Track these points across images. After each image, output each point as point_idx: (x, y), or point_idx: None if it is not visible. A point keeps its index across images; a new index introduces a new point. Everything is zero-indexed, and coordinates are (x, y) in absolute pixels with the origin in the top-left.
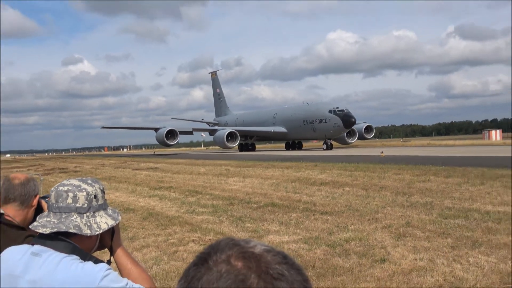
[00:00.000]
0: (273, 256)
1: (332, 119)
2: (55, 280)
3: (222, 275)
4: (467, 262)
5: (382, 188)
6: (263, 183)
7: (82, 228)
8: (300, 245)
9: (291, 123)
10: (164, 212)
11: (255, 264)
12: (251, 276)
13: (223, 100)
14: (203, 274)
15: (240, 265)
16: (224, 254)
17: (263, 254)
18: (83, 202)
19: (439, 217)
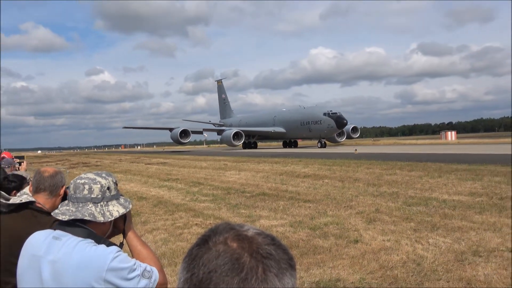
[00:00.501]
0: (263, 238)
1: (326, 121)
2: (71, 260)
3: (220, 254)
4: (427, 242)
5: (355, 180)
6: (255, 176)
7: (96, 216)
8: (286, 228)
9: (289, 124)
10: (171, 200)
11: (247, 245)
12: (244, 255)
13: (227, 104)
14: (204, 253)
15: (235, 245)
16: (221, 236)
17: (255, 237)
18: (98, 193)
19: (403, 205)
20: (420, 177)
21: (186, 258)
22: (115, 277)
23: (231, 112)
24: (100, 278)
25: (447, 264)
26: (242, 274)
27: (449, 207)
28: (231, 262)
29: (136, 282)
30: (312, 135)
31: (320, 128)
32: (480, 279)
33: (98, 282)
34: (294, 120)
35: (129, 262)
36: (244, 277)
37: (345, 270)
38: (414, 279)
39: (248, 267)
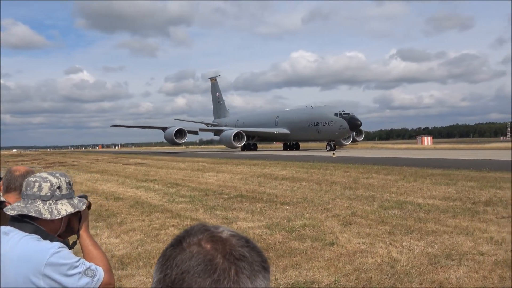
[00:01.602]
0: (237, 240)
1: (338, 122)
2: (14, 254)
3: (193, 255)
4: (401, 245)
5: (333, 183)
6: (233, 178)
7: (43, 213)
8: (263, 230)
9: (294, 124)
10: (148, 201)
11: (221, 246)
12: (218, 257)
13: (222, 103)
14: (178, 254)
15: (209, 247)
16: (196, 238)
17: (229, 238)
18: (47, 192)
19: (379, 208)
20: (396, 181)
21: (160, 258)
22: (54, 272)
23: (226, 111)
24: (39, 272)
25: (420, 267)
26: (214, 276)
27: (424, 211)
28: (204, 264)
29: (76, 279)
30: (321, 137)
31: (331, 130)
32: (452, 282)
33: (36, 276)
34: (300, 120)
35: (71, 259)
36: (216, 278)
37: (320, 272)
38: (388, 281)
39: (221, 268)
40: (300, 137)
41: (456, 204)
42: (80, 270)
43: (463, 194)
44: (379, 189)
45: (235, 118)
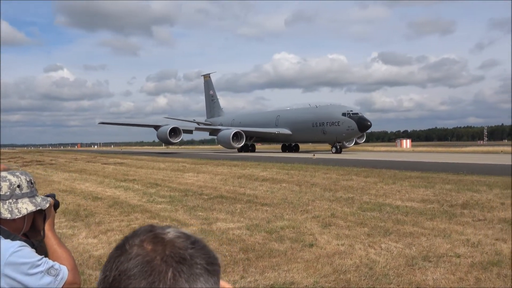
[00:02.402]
0: (182, 242)
1: (346, 122)
2: None
3: (133, 256)
4: (379, 247)
5: (313, 185)
6: (213, 178)
7: (3, 212)
8: (243, 231)
9: (297, 125)
10: (127, 201)
11: (161, 248)
12: (156, 259)
13: (216, 102)
14: (119, 255)
15: (149, 248)
16: (138, 239)
17: (173, 240)
18: (6, 191)
19: (358, 210)
20: (375, 183)
21: (106, 261)
22: (14, 271)
23: (220, 110)
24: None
25: (398, 269)
26: (149, 278)
27: (402, 213)
28: (141, 266)
29: (38, 278)
30: (327, 138)
31: (338, 131)
32: (429, 284)
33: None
34: (303, 120)
35: (32, 258)
36: (151, 281)
37: (299, 274)
38: (366, 283)
39: (157, 271)
40: (303, 138)
41: (433, 207)
42: (42, 269)
43: (441, 196)
44: (358, 191)
45: (231, 118)
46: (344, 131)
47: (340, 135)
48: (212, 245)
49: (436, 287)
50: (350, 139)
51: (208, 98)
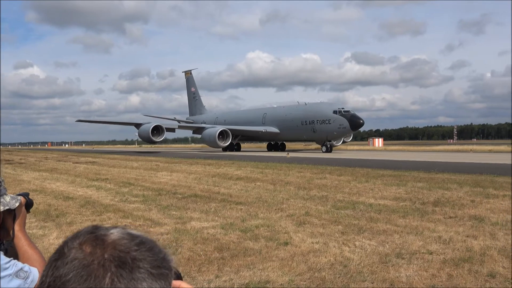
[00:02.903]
0: (126, 243)
1: (337, 120)
2: None
3: (69, 260)
4: (353, 245)
5: (287, 183)
6: (187, 177)
7: None
8: (217, 230)
9: (285, 123)
10: (100, 200)
11: (100, 251)
12: (94, 262)
13: (198, 99)
14: (56, 260)
15: (88, 251)
16: (77, 241)
17: (116, 241)
18: None
19: (332, 208)
20: (348, 182)
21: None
22: None
23: (202, 108)
24: None
25: (372, 266)
26: (85, 284)
27: (375, 211)
28: (76, 270)
29: (6, 282)
30: (317, 137)
31: (329, 129)
32: (402, 280)
33: None
34: (292, 118)
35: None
36: (87, 286)
37: (274, 272)
38: (341, 280)
39: (94, 275)
40: (291, 136)
41: (406, 205)
42: (11, 272)
43: (413, 194)
44: (332, 190)
45: (214, 116)
46: (336, 129)
47: (331, 134)
48: (186, 244)
49: (409, 284)
50: (341, 137)
51: (190, 95)
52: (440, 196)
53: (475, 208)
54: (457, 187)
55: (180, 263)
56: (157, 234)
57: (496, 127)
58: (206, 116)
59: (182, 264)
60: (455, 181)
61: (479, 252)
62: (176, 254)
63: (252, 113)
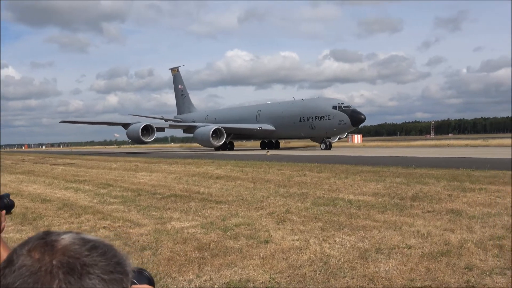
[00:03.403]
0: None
1: (337, 116)
2: None
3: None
4: (333, 241)
5: (267, 181)
6: (167, 177)
7: None
8: (197, 229)
9: (281, 120)
10: (78, 202)
11: (48, 257)
12: (41, 269)
13: (186, 97)
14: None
15: (36, 257)
16: (27, 247)
17: (66, 247)
18: None
19: (312, 205)
20: (328, 178)
21: None
22: None
23: (191, 106)
24: None
25: (352, 262)
26: None
27: (355, 207)
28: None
29: None
30: (316, 133)
31: (328, 125)
32: (382, 275)
33: None
34: (289, 115)
35: None
36: None
37: (255, 270)
38: (321, 277)
39: (41, 282)
40: (288, 134)
41: (384, 200)
42: None
43: (391, 190)
44: (312, 187)
45: (204, 114)
46: (336, 125)
47: (330, 130)
48: (166, 245)
49: (389, 279)
50: (341, 134)
51: (177, 93)
52: (418, 191)
53: (452, 202)
54: (434, 181)
55: (160, 264)
56: (136, 235)
57: (472, 122)
58: (195, 114)
59: (162, 265)
60: (433, 176)
61: (456, 246)
62: (156, 254)
63: (245, 110)
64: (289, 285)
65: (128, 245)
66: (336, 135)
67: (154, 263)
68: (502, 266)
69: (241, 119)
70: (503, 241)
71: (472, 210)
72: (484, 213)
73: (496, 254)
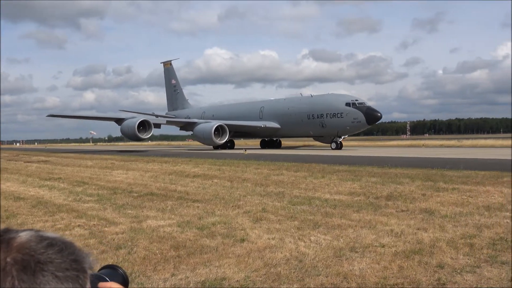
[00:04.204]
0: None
1: (351, 113)
2: None
3: None
4: (309, 240)
5: (244, 180)
6: (144, 175)
7: None
8: (174, 228)
9: (288, 117)
10: (52, 200)
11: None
12: None
13: (180, 92)
14: None
15: None
16: None
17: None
18: None
19: (288, 204)
20: (305, 178)
21: None
22: None
23: (185, 102)
24: None
25: (327, 260)
26: None
27: (330, 206)
28: None
29: None
30: (326, 132)
31: (341, 123)
32: (356, 274)
33: None
34: (296, 112)
35: None
36: None
37: (231, 269)
38: (296, 275)
39: None
40: (295, 132)
41: (360, 199)
42: None
43: (367, 189)
44: (288, 186)
45: (200, 110)
46: (349, 123)
47: (343, 129)
48: (142, 243)
49: (362, 277)
50: (355, 132)
51: (169, 88)
52: (392, 190)
53: (426, 202)
54: (409, 181)
55: (135, 262)
56: (112, 234)
57: (447, 123)
58: (190, 111)
59: (138, 264)
60: (407, 176)
61: (429, 244)
62: (131, 253)
63: (247, 107)
64: (264, 284)
65: (103, 243)
66: (348, 133)
67: (129, 262)
68: (473, 264)
69: (242, 116)
70: (474, 240)
71: (444, 209)
72: (456, 213)
73: (467, 252)
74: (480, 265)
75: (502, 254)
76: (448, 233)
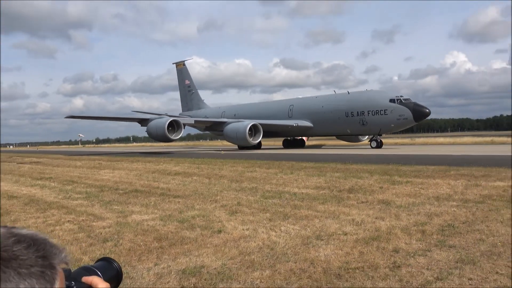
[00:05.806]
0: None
1: (396, 110)
2: None
3: None
4: (279, 230)
5: (221, 177)
6: (129, 174)
7: None
8: (157, 221)
9: (321, 115)
10: (44, 198)
11: None
12: None
13: (195, 93)
14: None
15: None
16: None
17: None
18: None
19: (261, 198)
20: (275, 174)
21: None
22: None
23: (201, 102)
24: None
25: (295, 248)
26: None
27: (299, 199)
28: None
29: None
30: (367, 130)
31: (385, 120)
32: (321, 259)
33: None
34: (332, 109)
35: None
36: None
37: (209, 258)
38: (268, 262)
39: None
40: (329, 131)
41: (325, 192)
42: None
43: (331, 183)
44: (261, 181)
45: (219, 110)
46: (394, 121)
47: (387, 126)
48: (127, 236)
49: (327, 262)
50: (399, 129)
51: (183, 89)
52: (354, 184)
53: (383, 194)
54: (368, 175)
55: (121, 254)
56: (99, 228)
57: None
58: (207, 111)
59: (123, 255)
60: (367, 171)
61: (385, 231)
62: (117, 245)
63: (274, 106)
64: (239, 270)
65: (91, 237)
66: (392, 131)
67: (115, 253)
68: (424, 248)
69: (269, 115)
70: (425, 227)
71: (399, 200)
72: (409, 203)
73: (419, 238)
74: (431, 249)
75: (450, 239)
76: (403, 221)
